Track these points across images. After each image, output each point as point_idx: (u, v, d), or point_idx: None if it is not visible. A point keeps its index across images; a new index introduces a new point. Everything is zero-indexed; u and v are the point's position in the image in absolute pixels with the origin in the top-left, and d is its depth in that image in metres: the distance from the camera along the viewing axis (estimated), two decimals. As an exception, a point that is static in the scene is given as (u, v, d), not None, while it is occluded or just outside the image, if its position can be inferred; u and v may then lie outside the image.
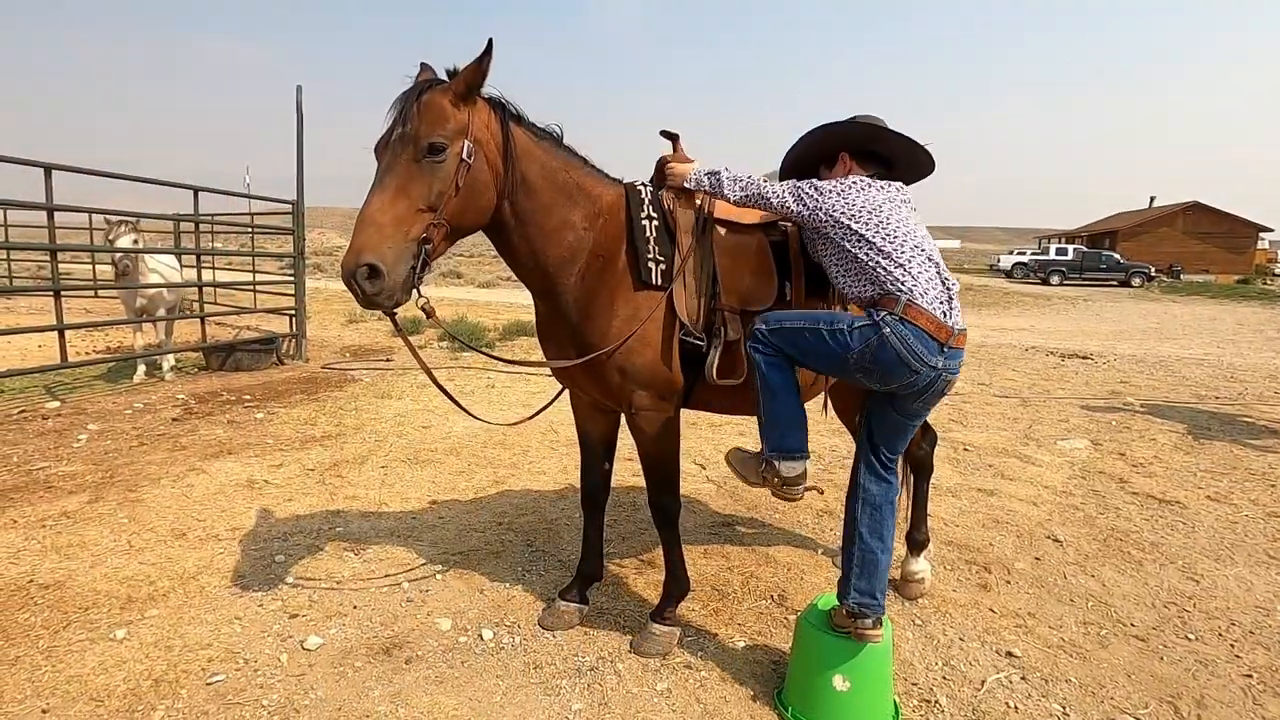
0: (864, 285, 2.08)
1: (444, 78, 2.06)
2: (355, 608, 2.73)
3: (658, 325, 2.31)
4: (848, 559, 2.16)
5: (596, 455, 2.73)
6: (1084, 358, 9.62)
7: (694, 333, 2.32)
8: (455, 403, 2.45)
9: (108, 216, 6.66)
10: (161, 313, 7.05)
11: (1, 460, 4.29)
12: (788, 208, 2.17)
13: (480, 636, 2.55)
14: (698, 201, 2.42)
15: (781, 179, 2.35)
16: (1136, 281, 30.38)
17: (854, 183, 2.14)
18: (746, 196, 2.25)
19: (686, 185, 2.36)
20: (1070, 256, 32.36)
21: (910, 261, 2.03)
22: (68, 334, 6.21)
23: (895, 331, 1.95)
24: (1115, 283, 30.84)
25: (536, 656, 2.44)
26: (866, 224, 2.07)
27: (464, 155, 1.99)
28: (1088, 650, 2.55)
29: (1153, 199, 49.16)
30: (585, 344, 2.31)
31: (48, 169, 5.68)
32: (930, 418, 3.13)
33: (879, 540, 2.14)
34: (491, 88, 2.12)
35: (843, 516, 2.28)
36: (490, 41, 1.98)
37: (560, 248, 2.28)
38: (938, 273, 2.07)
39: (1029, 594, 2.97)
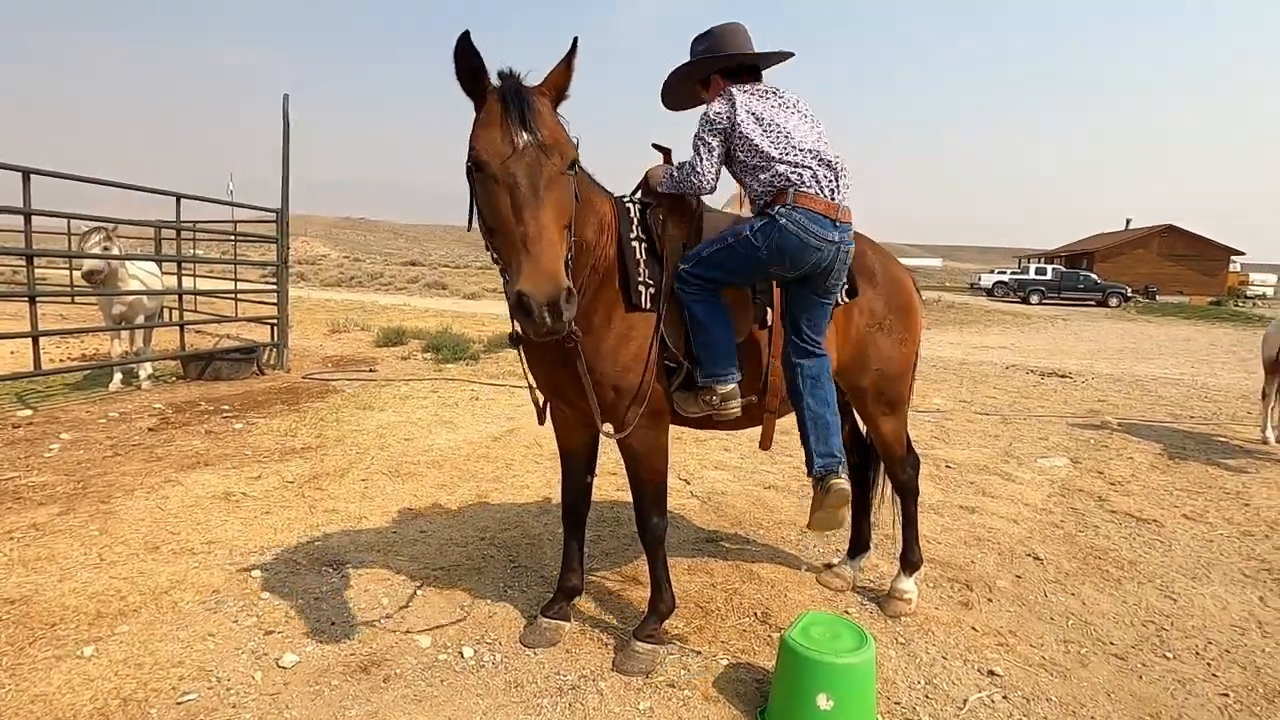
0: (767, 185, 2.27)
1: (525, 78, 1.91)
2: (333, 624, 2.68)
3: (648, 347, 2.31)
4: (805, 433, 2.35)
5: (578, 468, 2.72)
6: (1063, 376, 9.76)
7: (677, 357, 2.34)
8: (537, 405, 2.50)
9: (84, 222, 6.56)
10: (140, 320, 6.93)
11: (-31, 470, 4.18)
12: (707, 161, 2.29)
13: (460, 654, 2.51)
14: (687, 227, 2.43)
15: (667, 93, 2.52)
16: (1114, 302, 30.95)
17: (739, 105, 2.28)
18: (681, 181, 2.35)
19: (661, 189, 2.41)
20: (1049, 276, 32.92)
21: (798, 156, 2.24)
22: (42, 341, 6.09)
23: (790, 219, 2.18)
24: (1093, 302, 31.39)
25: (518, 675, 2.41)
26: (759, 135, 2.27)
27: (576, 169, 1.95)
28: (1068, 669, 2.57)
29: (1129, 221, 50.29)
30: (584, 360, 2.27)
31: (26, 173, 5.59)
32: (913, 434, 3.16)
33: (825, 405, 2.35)
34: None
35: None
36: (575, 41, 1.91)
37: (583, 256, 2.21)
38: (822, 159, 2.27)
39: (1010, 612, 2.98)
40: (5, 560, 3.04)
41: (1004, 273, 37.00)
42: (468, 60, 1.85)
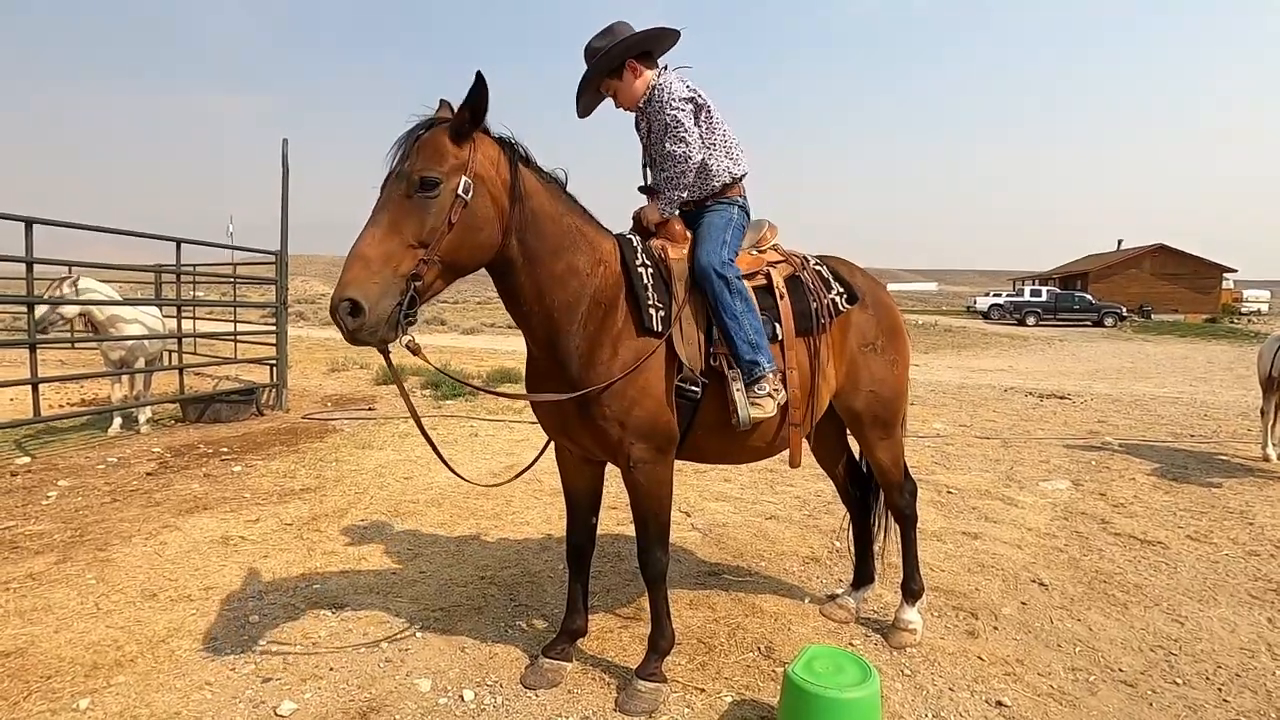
0: (726, 170, 2.59)
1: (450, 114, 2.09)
2: (331, 669, 2.64)
3: (659, 374, 2.34)
4: (736, 353, 2.37)
5: (583, 510, 2.71)
6: (1062, 398, 9.77)
7: (693, 379, 2.37)
8: (440, 456, 2.45)
9: (76, 267, 6.61)
10: (140, 364, 6.96)
11: (-34, 520, 4.16)
12: (690, 132, 2.46)
13: (461, 697, 2.48)
14: (685, 249, 2.50)
15: (580, 97, 2.61)
16: (1109, 321, 31.09)
17: (685, 78, 2.52)
18: (676, 176, 2.49)
19: (664, 215, 2.52)
20: (1044, 298, 33.12)
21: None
22: (42, 387, 6.11)
23: (745, 203, 2.66)
24: (1089, 323, 31.53)
25: (519, 718, 2.37)
26: (719, 115, 2.58)
27: (460, 190, 1.99)
28: (1077, 697, 2.53)
29: (1120, 241, 50.77)
30: (590, 396, 2.29)
31: (28, 222, 5.67)
32: (913, 460, 3.17)
33: (750, 320, 2.39)
34: (503, 127, 2.18)
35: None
36: (478, 74, 1.97)
37: (565, 292, 2.27)
38: None
39: (1016, 640, 2.95)
40: (1, 612, 3.01)
41: (999, 295, 37.24)
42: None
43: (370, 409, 8.20)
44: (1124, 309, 32.61)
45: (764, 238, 2.74)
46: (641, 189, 2.63)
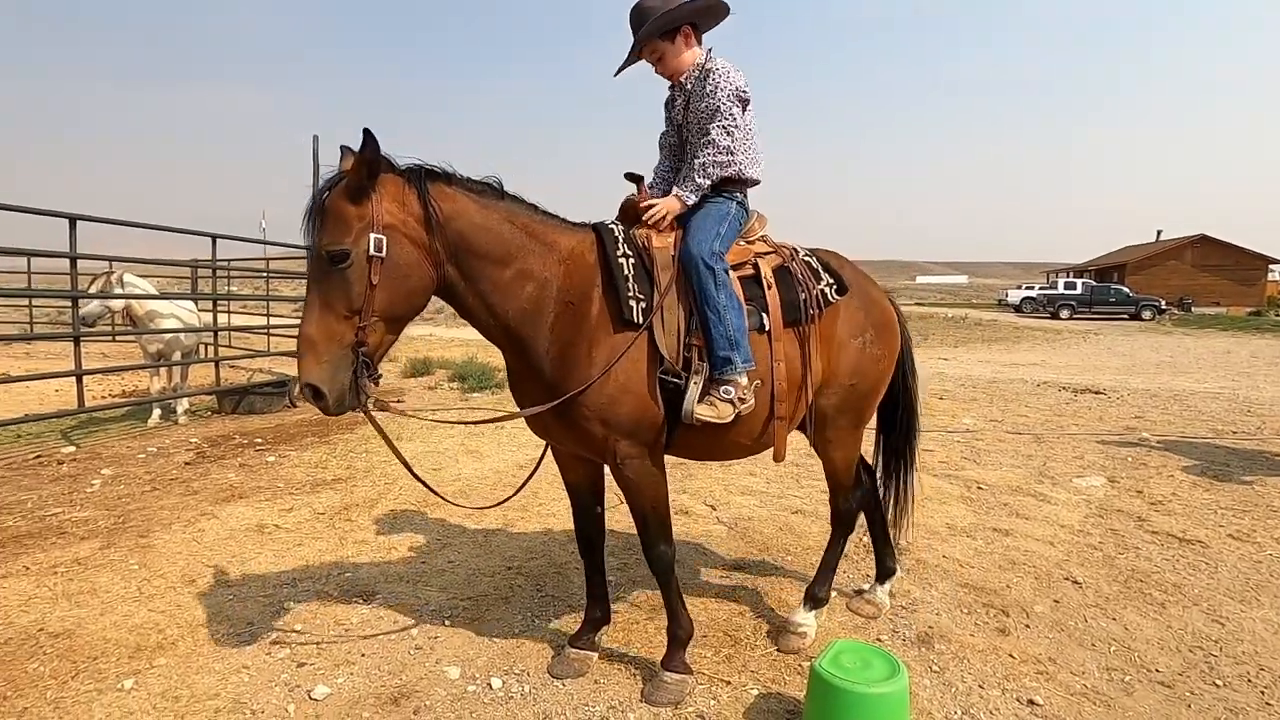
0: (754, 171, 2.58)
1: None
2: (363, 655, 2.70)
3: (639, 369, 2.28)
4: (711, 346, 2.31)
5: (585, 502, 2.72)
6: (1097, 393, 9.54)
7: (673, 370, 2.31)
8: (422, 482, 2.49)
9: (117, 263, 6.81)
10: (177, 356, 7.15)
11: (17, 506, 4.33)
12: (736, 142, 2.46)
13: (489, 685, 2.52)
14: (670, 239, 2.44)
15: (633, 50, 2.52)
16: (1147, 314, 30.25)
17: (744, 100, 2.50)
18: (714, 168, 2.46)
19: (687, 202, 2.47)
20: (1079, 291, 32.35)
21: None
22: (85, 379, 6.31)
23: (744, 199, 2.62)
24: (1125, 316, 30.72)
25: (546, 706, 2.40)
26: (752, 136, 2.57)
27: (372, 250, 1.97)
28: (1112, 698, 2.48)
29: (1159, 232, 49.36)
30: (563, 395, 2.26)
31: (72, 219, 5.85)
32: (942, 455, 3.12)
33: (732, 316, 2.33)
34: (410, 158, 2.11)
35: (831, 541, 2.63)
36: (365, 132, 1.93)
37: (519, 300, 2.24)
38: None
39: (1049, 638, 2.90)
40: (50, 595, 3.13)
41: (1032, 288, 36.46)
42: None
43: (399, 401, 8.32)
44: (1163, 302, 31.73)
45: (752, 228, 2.67)
46: (628, 176, 2.58)
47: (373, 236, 1.97)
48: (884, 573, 3.17)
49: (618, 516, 4.31)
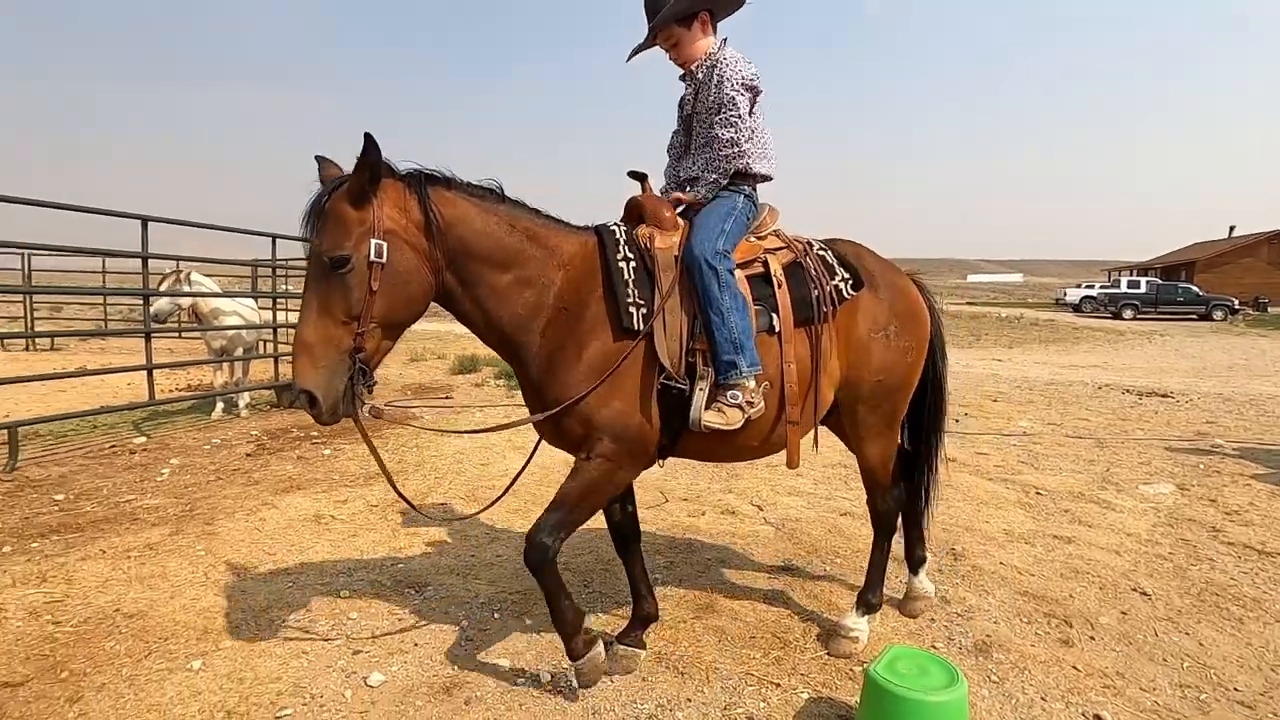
0: (765, 167, 2.54)
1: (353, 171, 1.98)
2: (416, 645, 2.76)
3: (633, 373, 2.22)
4: (715, 350, 2.24)
5: (614, 500, 2.69)
6: (1164, 396, 9.10)
7: (675, 377, 2.22)
8: (401, 495, 2.47)
9: (184, 262, 7.11)
10: (239, 352, 7.44)
11: (94, 492, 4.57)
12: (745, 121, 2.41)
13: (538, 679, 2.54)
14: (675, 238, 2.37)
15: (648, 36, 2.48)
16: (1219, 315, 28.68)
17: (752, 89, 2.44)
18: (723, 164, 2.43)
19: (701, 199, 2.45)
20: (1143, 289, 30.90)
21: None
22: (154, 373, 6.62)
23: (752, 193, 2.54)
24: (1194, 316, 29.21)
25: (595, 701, 2.41)
26: (763, 131, 2.54)
27: (372, 256, 1.95)
28: (1186, 716, 2.36)
29: (1232, 229, 46.78)
30: (549, 400, 2.24)
31: (144, 220, 6.14)
32: (997, 459, 3.01)
33: (737, 318, 2.25)
34: (410, 162, 2.09)
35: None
36: (367, 136, 1.90)
37: (516, 305, 2.22)
38: None
39: (1116, 651, 2.77)
40: (125, 577, 3.29)
41: (1092, 287, 35.02)
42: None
43: (448, 398, 8.49)
44: (1235, 301, 30.02)
45: (763, 223, 2.58)
46: (632, 174, 2.54)
47: (374, 242, 1.96)
48: (917, 561, 3.09)
49: (662, 515, 4.31)
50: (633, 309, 2.22)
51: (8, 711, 2.28)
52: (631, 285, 2.25)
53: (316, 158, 2.12)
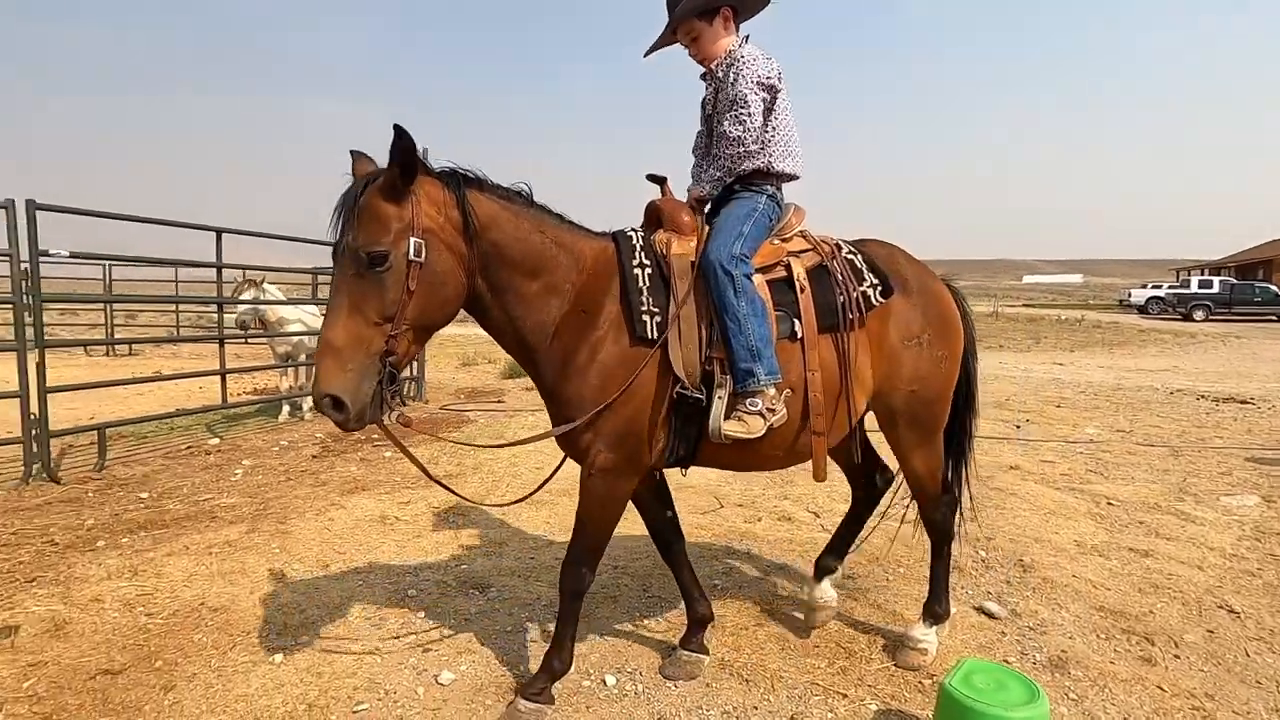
0: (788, 165, 2.48)
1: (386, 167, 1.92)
2: (483, 645, 2.82)
3: (643, 383, 2.16)
4: (732, 358, 2.19)
5: (648, 504, 2.69)
6: (1243, 402, 8.62)
7: (691, 388, 2.17)
8: (435, 481, 2.48)
9: (248, 273, 7.43)
10: (303, 358, 7.73)
11: (175, 491, 4.81)
12: (756, 118, 2.34)
13: (603, 682, 2.57)
14: (692, 243, 2.32)
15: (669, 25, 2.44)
16: (1301, 316, 27.04)
17: (770, 88, 2.39)
18: (729, 162, 2.38)
19: (709, 194, 2.44)
20: (1216, 289, 29.31)
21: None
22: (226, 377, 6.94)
23: (775, 192, 2.50)
24: (1274, 318, 27.59)
25: (661, 707, 2.42)
26: (790, 113, 2.49)
27: (411, 254, 1.88)
28: (1285, 742, 2.24)
29: (1315, 223, 43.93)
30: (561, 403, 2.22)
31: (219, 232, 6.46)
32: (1064, 467, 2.91)
33: (755, 325, 2.19)
34: (447, 161, 2.05)
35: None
36: (397, 128, 1.82)
37: (542, 313, 2.19)
38: None
39: (1204, 671, 2.65)
40: (208, 572, 3.46)
41: (1159, 287, 33.43)
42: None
43: (500, 402, 8.64)
44: (1320, 301, 28.23)
45: (788, 224, 2.49)
46: (650, 178, 2.51)
47: (413, 240, 1.89)
48: (830, 563, 3.02)
49: (718, 520, 4.30)
50: (646, 317, 2.18)
51: (110, 697, 2.43)
52: (646, 293, 2.20)
53: (351, 152, 2.08)
